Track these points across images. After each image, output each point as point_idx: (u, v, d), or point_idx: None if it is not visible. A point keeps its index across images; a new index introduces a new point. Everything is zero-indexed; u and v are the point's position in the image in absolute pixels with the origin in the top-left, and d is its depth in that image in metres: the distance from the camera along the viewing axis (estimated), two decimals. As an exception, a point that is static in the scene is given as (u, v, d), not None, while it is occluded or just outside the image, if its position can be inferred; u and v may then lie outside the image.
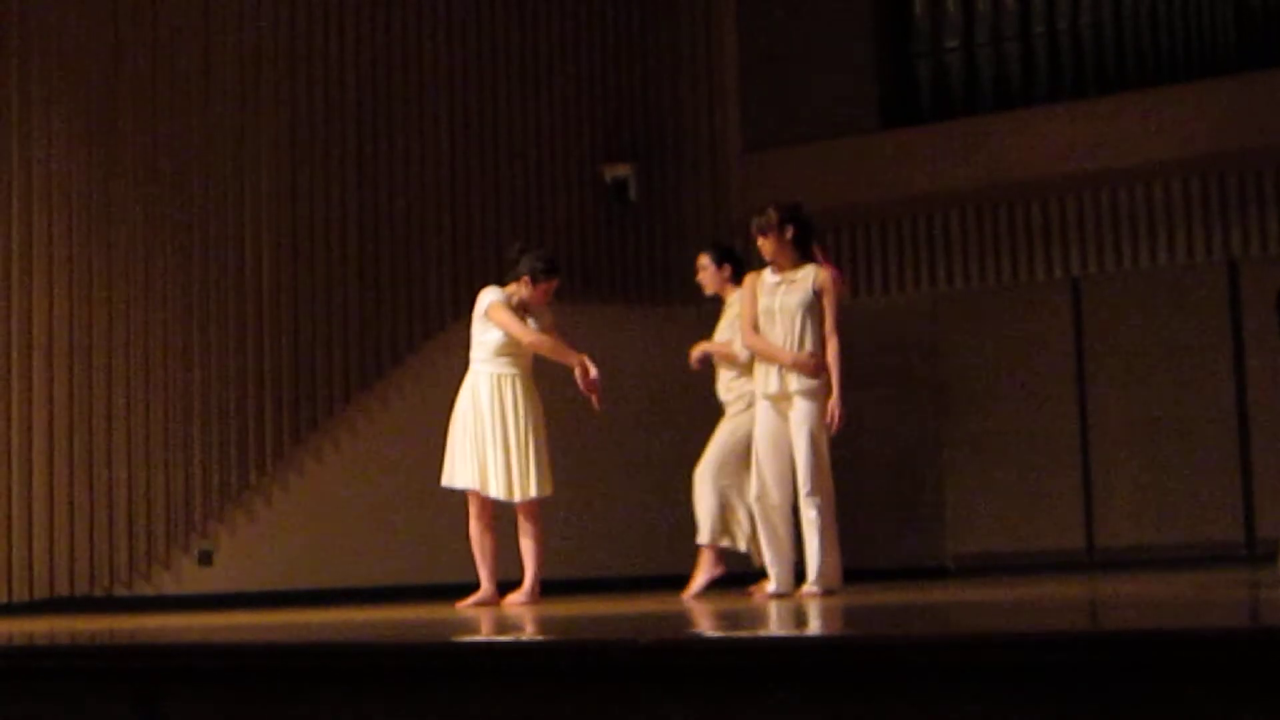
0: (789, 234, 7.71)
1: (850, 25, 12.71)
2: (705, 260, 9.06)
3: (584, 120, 12.42)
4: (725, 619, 5.17)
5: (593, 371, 8.21)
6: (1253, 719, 2.73)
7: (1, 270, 9.91)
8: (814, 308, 7.61)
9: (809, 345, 7.57)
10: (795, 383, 7.57)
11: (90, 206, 10.21)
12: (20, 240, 9.97)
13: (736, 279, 8.60)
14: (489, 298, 8.27)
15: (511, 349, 8.21)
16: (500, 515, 8.30)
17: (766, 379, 7.66)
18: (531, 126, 12.12)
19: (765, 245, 7.76)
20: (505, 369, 8.21)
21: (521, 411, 8.18)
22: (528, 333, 8.18)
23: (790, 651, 3.37)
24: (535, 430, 8.19)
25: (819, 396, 7.56)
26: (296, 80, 11.07)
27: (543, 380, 8.46)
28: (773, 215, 7.75)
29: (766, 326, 7.67)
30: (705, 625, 4.68)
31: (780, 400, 7.63)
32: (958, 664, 3.00)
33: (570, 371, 8.30)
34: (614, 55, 12.64)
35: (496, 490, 8.14)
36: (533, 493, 8.14)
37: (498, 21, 12.03)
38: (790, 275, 7.69)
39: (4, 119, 10.00)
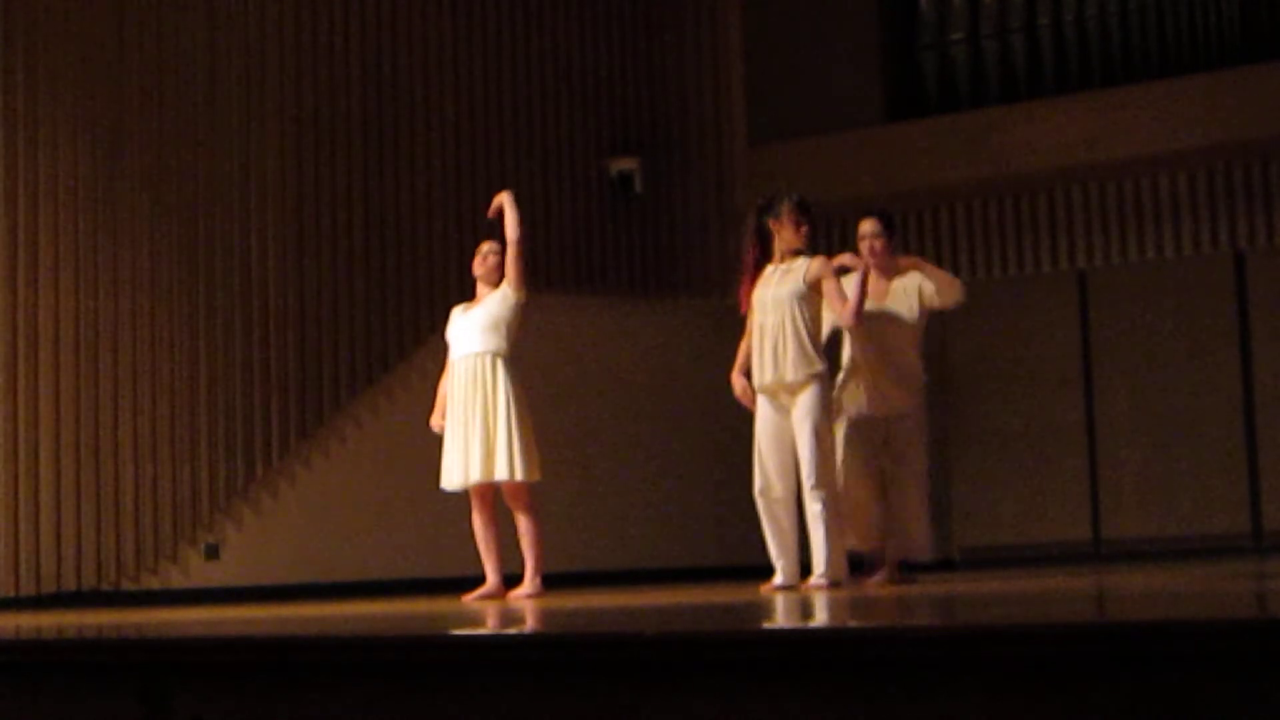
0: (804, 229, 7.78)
1: (855, 18, 12.71)
2: (878, 228, 7.97)
3: (589, 113, 12.42)
4: (731, 612, 5.16)
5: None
6: (1261, 710, 2.73)
7: (8, 265, 9.91)
8: (805, 297, 7.62)
9: (804, 334, 7.57)
10: (791, 374, 7.57)
11: (96, 201, 10.22)
12: (26, 235, 9.98)
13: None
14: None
15: (494, 325, 8.16)
16: (502, 507, 8.27)
17: (761, 371, 7.66)
18: (537, 120, 12.13)
19: (781, 231, 7.78)
20: (487, 347, 8.15)
21: (502, 391, 8.09)
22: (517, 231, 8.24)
23: (796, 644, 3.36)
24: (518, 413, 8.07)
25: (819, 388, 7.56)
26: (301, 75, 11.07)
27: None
28: (785, 206, 7.79)
29: (760, 317, 7.68)
30: (711, 618, 4.67)
31: (778, 393, 7.64)
32: (964, 656, 3.00)
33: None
34: (619, 48, 12.64)
35: (477, 474, 8.06)
36: (508, 475, 8.02)
37: (503, 15, 12.04)
38: (785, 265, 7.73)
39: (10, 113, 10.01)
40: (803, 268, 7.67)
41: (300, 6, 11.13)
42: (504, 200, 8.33)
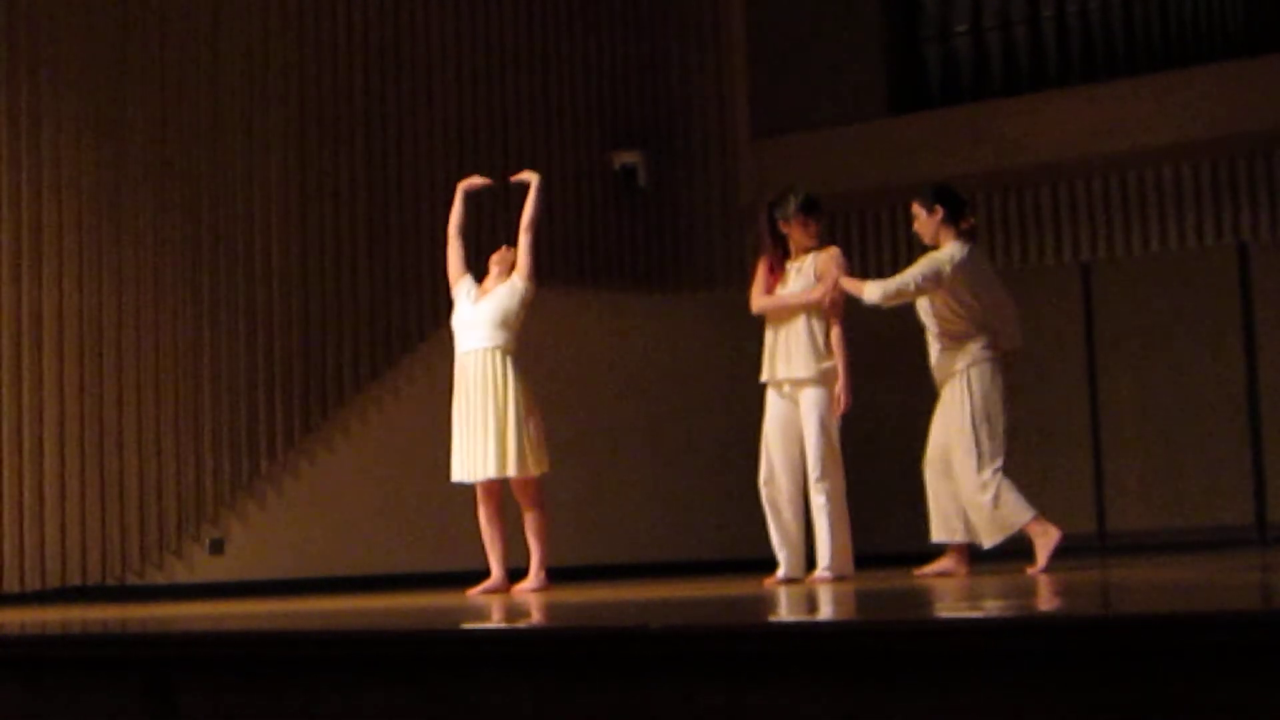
0: (812, 227, 7.80)
1: (858, 11, 12.70)
2: (916, 209, 7.73)
3: (593, 107, 12.42)
4: (735, 605, 5.17)
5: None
6: (1265, 701, 2.73)
7: (11, 260, 9.91)
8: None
9: (815, 330, 7.61)
10: (801, 370, 7.59)
11: (99, 196, 10.22)
12: (30, 230, 9.98)
13: (954, 223, 7.67)
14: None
15: (504, 321, 8.15)
16: (507, 501, 8.27)
17: (772, 366, 7.70)
18: (540, 114, 12.13)
19: (791, 231, 7.82)
20: (495, 342, 8.14)
21: (510, 386, 8.08)
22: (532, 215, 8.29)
23: (801, 637, 3.37)
24: (526, 406, 8.08)
25: (827, 382, 7.58)
26: (305, 69, 11.07)
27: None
28: (792, 204, 7.80)
29: (775, 313, 7.74)
30: (715, 612, 4.68)
31: (786, 386, 7.66)
32: (970, 649, 3.00)
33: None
34: (622, 42, 12.64)
35: (488, 470, 8.06)
36: (518, 470, 8.03)
37: (506, 8, 12.04)
38: (798, 264, 7.77)
39: (13, 108, 10.00)
40: (812, 264, 7.72)
41: (303, 3, 11.12)
42: (533, 183, 8.34)
